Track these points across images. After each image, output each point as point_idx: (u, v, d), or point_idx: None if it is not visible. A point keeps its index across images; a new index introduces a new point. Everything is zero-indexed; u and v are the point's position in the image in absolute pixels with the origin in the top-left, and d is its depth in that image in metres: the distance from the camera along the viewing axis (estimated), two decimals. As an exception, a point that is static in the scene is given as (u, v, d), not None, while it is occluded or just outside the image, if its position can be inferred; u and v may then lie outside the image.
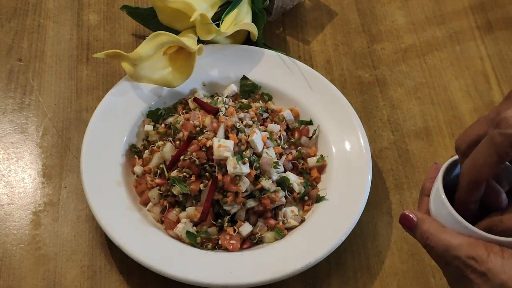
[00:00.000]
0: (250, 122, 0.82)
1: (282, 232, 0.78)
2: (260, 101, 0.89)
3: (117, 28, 1.00)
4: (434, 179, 0.63)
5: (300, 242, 0.77)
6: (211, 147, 0.77)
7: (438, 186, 0.61)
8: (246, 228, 0.78)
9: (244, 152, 0.78)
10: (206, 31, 0.88)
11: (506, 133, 0.55)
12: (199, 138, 0.78)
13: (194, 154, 0.78)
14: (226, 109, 0.83)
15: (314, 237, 0.77)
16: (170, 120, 0.86)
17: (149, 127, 0.85)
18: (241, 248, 0.77)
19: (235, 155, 0.76)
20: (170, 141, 0.82)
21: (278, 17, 1.03)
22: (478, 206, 0.62)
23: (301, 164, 0.85)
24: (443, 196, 0.60)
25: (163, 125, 0.86)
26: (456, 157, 0.64)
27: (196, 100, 0.85)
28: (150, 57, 0.85)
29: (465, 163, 0.59)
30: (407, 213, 0.62)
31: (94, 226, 0.80)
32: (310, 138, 0.87)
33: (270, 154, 0.80)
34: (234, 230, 0.77)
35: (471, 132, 0.60)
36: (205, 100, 0.86)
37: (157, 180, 0.80)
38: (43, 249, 0.78)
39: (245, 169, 0.76)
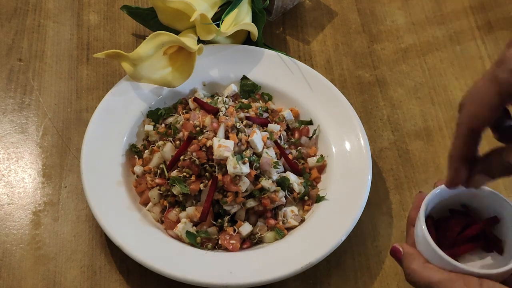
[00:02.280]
0: (250, 122, 0.82)
1: (282, 232, 0.78)
2: (260, 101, 0.89)
3: (117, 28, 1.00)
4: (418, 208, 0.65)
5: (300, 242, 0.77)
6: (211, 147, 0.77)
7: (420, 220, 0.63)
8: (246, 228, 0.78)
9: (244, 152, 0.78)
10: (206, 31, 0.88)
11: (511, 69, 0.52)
12: (199, 138, 0.78)
13: (194, 154, 0.78)
14: (226, 109, 0.83)
15: (314, 237, 0.77)
16: (170, 120, 0.86)
17: (149, 127, 0.85)
18: (241, 248, 0.77)
19: (235, 155, 0.76)
20: (170, 141, 0.82)
21: (278, 17, 1.03)
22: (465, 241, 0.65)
23: (301, 164, 0.85)
24: (425, 231, 0.62)
25: (163, 125, 0.86)
26: (439, 187, 0.65)
27: (196, 100, 0.85)
28: (150, 57, 0.85)
29: (463, 106, 0.57)
30: (396, 246, 0.65)
31: (94, 226, 0.80)
32: (310, 138, 0.87)
33: (270, 154, 0.80)
34: (234, 230, 0.77)
35: (475, 87, 0.57)
36: (205, 100, 0.86)
37: (157, 180, 0.80)
38: (43, 249, 0.78)
39: (245, 169, 0.76)
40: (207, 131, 0.79)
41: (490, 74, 0.55)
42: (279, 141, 0.83)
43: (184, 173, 0.78)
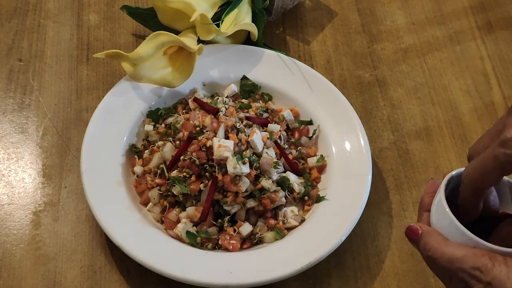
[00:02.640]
0: (250, 122, 0.82)
1: (282, 232, 0.78)
2: (260, 101, 0.89)
3: (117, 28, 1.00)
4: (432, 194, 0.64)
5: (300, 242, 0.77)
6: (211, 147, 0.77)
7: (440, 198, 0.62)
8: (246, 228, 0.78)
9: (244, 152, 0.78)
10: (206, 31, 0.88)
11: (509, 153, 0.57)
12: (199, 138, 0.78)
13: (194, 154, 0.78)
14: (226, 109, 0.83)
15: (314, 237, 0.77)
16: (170, 120, 0.86)
17: (149, 127, 0.85)
18: (241, 248, 0.77)
19: (235, 155, 0.76)
20: (170, 141, 0.82)
21: (278, 17, 1.03)
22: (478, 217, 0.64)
23: (301, 164, 0.85)
24: (447, 208, 0.61)
25: (163, 125, 0.86)
26: (456, 171, 0.65)
27: (196, 100, 0.85)
28: (150, 57, 0.85)
29: (470, 171, 0.61)
30: (413, 225, 0.63)
31: (94, 226, 0.80)
32: (310, 138, 0.87)
33: (270, 154, 0.80)
34: (234, 230, 0.77)
35: (483, 142, 0.61)
36: (205, 100, 0.86)
37: (157, 180, 0.80)
38: (43, 249, 0.78)
39: (245, 169, 0.76)
40: (207, 131, 0.79)
41: (494, 152, 0.58)
42: (279, 141, 0.83)
43: (184, 173, 0.78)
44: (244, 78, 0.91)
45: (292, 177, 0.81)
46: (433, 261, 0.61)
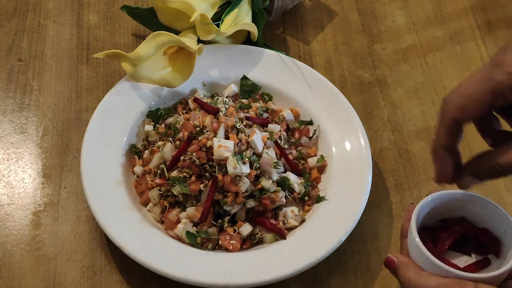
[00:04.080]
0: (250, 122, 0.82)
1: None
2: (260, 101, 0.89)
3: (117, 28, 1.00)
4: (410, 220, 0.65)
5: (300, 242, 0.77)
6: (211, 147, 0.77)
7: (412, 229, 0.64)
8: (246, 229, 0.77)
9: (244, 152, 0.78)
10: (206, 31, 0.88)
11: (510, 71, 0.54)
12: (199, 138, 0.78)
13: (194, 154, 0.78)
14: (226, 109, 0.83)
15: (314, 237, 0.77)
16: (170, 120, 0.86)
17: (149, 127, 0.85)
18: (241, 249, 0.77)
19: (235, 155, 0.76)
20: (170, 141, 0.81)
21: (278, 17, 1.03)
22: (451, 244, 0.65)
23: (301, 164, 0.85)
24: (417, 239, 0.63)
25: (163, 125, 0.86)
26: (430, 196, 0.66)
27: (196, 100, 0.85)
28: (150, 57, 0.85)
29: (451, 99, 0.58)
30: (390, 256, 0.65)
31: (94, 226, 0.80)
32: (310, 138, 0.87)
33: (270, 154, 0.80)
34: (234, 231, 0.77)
35: (463, 85, 0.58)
36: (205, 100, 0.86)
37: (157, 180, 0.80)
38: (43, 250, 0.78)
39: (245, 169, 0.76)
40: (207, 131, 0.79)
41: (485, 73, 0.56)
42: (279, 141, 0.83)
43: (184, 173, 0.78)
44: (244, 78, 0.91)
45: (292, 177, 0.81)
46: None
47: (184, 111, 0.86)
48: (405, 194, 0.86)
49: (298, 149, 0.86)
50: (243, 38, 0.96)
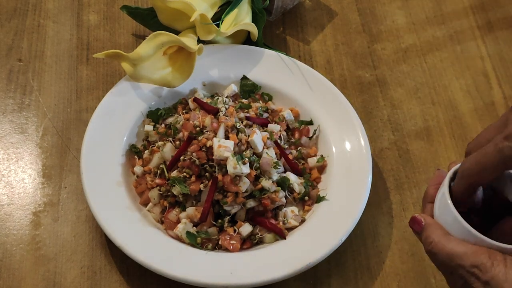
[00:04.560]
0: (250, 122, 0.82)
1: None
2: (260, 101, 0.89)
3: (117, 28, 1.00)
4: (437, 185, 0.64)
5: (300, 242, 0.77)
6: (211, 147, 0.77)
7: (444, 192, 0.62)
8: (246, 229, 0.77)
9: (244, 152, 0.78)
10: (206, 31, 0.88)
11: None
12: (199, 138, 0.78)
13: (194, 154, 0.78)
14: (226, 109, 0.83)
15: (314, 237, 0.77)
16: (170, 120, 0.86)
17: (149, 127, 0.85)
18: (242, 249, 0.77)
19: (235, 155, 0.76)
20: (170, 141, 0.81)
21: (278, 17, 1.03)
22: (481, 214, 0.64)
23: (301, 164, 0.84)
24: (450, 202, 0.61)
25: (163, 125, 0.86)
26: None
27: (196, 100, 0.85)
28: (150, 57, 0.85)
29: (468, 165, 0.60)
30: (417, 216, 0.63)
31: (94, 226, 0.80)
32: (310, 138, 0.87)
33: (270, 154, 0.80)
34: (234, 231, 0.77)
35: (484, 138, 0.61)
36: (205, 100, 0.86)
37: (157, 180, 0.80)
38: (43, 250, 0.78)
39: (245, 169, 0.76)
40: (207, 131, 0.79)
41: (498, 146, 0.57)
42: (279, 141, 0.83)
43: (184, 174, 0.78)
44: (244, 78, 0.91)
45: (292, 177, 0.81)
46: (433, 254, 0.61)
47: (184, 111, 0.86)
48: (405, 194, 0.86)
49: (298, 149, 0.86)
50: (243, 38, 0.96)
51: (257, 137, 0.79)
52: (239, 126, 0.80)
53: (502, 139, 0.57)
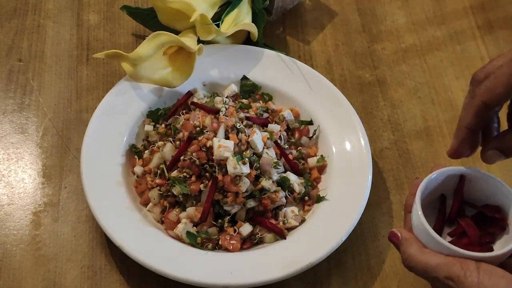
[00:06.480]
0: (250, 122, 0.82)
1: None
2: (260, 101, 0.89)
3: (117, 28, 1.00)
4: (415, 195, 0.65)
5: (300, 242, 0.77)
6: (211, 147, 0.77)
7: (416, 205, 0.63)
8: (246, 229, 0.78)
9: (244, 152, 0.78)
10: (206, 31, 0.88)
11: None
12: (199, 138, 0.78)
13: (194, 154, 0.78)
14: (226, 109, 0.83)
15: (315, 237, 0.77)
16: (170, 120, 0.86)
17: (149, 127, 0.85)
18: (242, 249, 0.77)
19: (235, 155, 0.76)
20: (170, 141, 0.81)
21: (278, 17, 1.03)
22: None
23: (301, 164, 0.85)
24: (421, 215, 0.62)
25: (163, 125, 0.86)
26: (435, 172, 0.66)
27: (194, 104, 0.85)
28: (150, 57, 0.85)
29: (480, 80, 0.59)
30: (394, 230, 0.65)
31: (94, 226, 0.80)
32: (310, 138, 0.87)
33: (270, 154, 0.80)
34: (235, 231, 0.77)
35: (493, 64, 0.60)
36: (205, 100, 0.86)
37: (157, 181, 0.80)
38: (43, 250, 0.78)
39: (245, 169, 0.76)
40: (207, 131, 0.79)
41: None
42: (279, 141, 0.83)
43: (184, 174, 0.78)
44: (244, 78, 0.91)
45: (292, 177, 0.81)
46: (410, 268, 0.62)
47: (184, 111, 0.86)
48: (405, 194, 0.86)
49: (298, 149, 0.86)
50: (243, 38, 0.96)
51: (257, 137, 0.79)
52: (239, 126, 0.80)
53: None
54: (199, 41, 0.90)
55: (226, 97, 0.87)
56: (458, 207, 0.67)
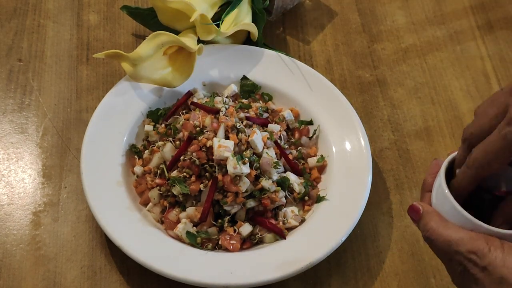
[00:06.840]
0: (250, 122, 0.82)
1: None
2: (260, 101, 0.89)
3: (117, 28, 1.00)
4: (435, 174, 0.64)
5: (300, 242, 0.77)
6: (211, 147, 0.77)
7: (440, 181, 0.62)
8: (246, 229, 0.78)
9: (244, 152, 0.78)
10: (206, 31, 0.88)
11: None
12: (199, 138, 0.78)
13: (194, 154, 0.78)
14: (226, 109, 0.83)
15: (314, 237, 0.77)
16: (170, 120, 0.86)
17: (149, 127, 0.85)
18: (242, 249, 0.77)
19: (235, 155, 0.76)
20: (170, 141, 0.81)
21: (278, 17, 1.03)
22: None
23: (301, 164, 0.85)
24: (446, 190, 0.61)
25: (163, 125, 0.86)
26: (456, 152, 0.64)
27: (194, 103, 0.85)
28: (150, 57, 0.85)
29: (475, 155, 0.59)
30: (415, 204, 0.63)
31: (94, 226, 0.80)
32: (310, 138, 0.87)
33: (270, 154, 0.80)
34: (234, 230, 0.77)
35: (480, 123, 0.60)
36: (204, 100, 0.86)
37: (157, 180, 0.80)
38: (43, 250, 0.78)
39: (245, 169, 0.76)
40: (207, 131, 0.79)
41: (501, 132, 0.56)
42: (279, 141, 0.83)
43: (184, 173, 0.78)
44: (244, 78, 0.91)
45: (292, 177, 0.81)
46: (431, 241, 0.61)
47: (184, 111, 0.86)
48: (405, 194, 0.86)
49: (298, 149, 0.86)
50: (243, 38, 0.96)
51: (257, 137, 0.79)
52: (239, 126, 0.80)
53: (505, 125, 0.56)
54: (199, 41, 0.90)
55: (226, 97, 0.87)
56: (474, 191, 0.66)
